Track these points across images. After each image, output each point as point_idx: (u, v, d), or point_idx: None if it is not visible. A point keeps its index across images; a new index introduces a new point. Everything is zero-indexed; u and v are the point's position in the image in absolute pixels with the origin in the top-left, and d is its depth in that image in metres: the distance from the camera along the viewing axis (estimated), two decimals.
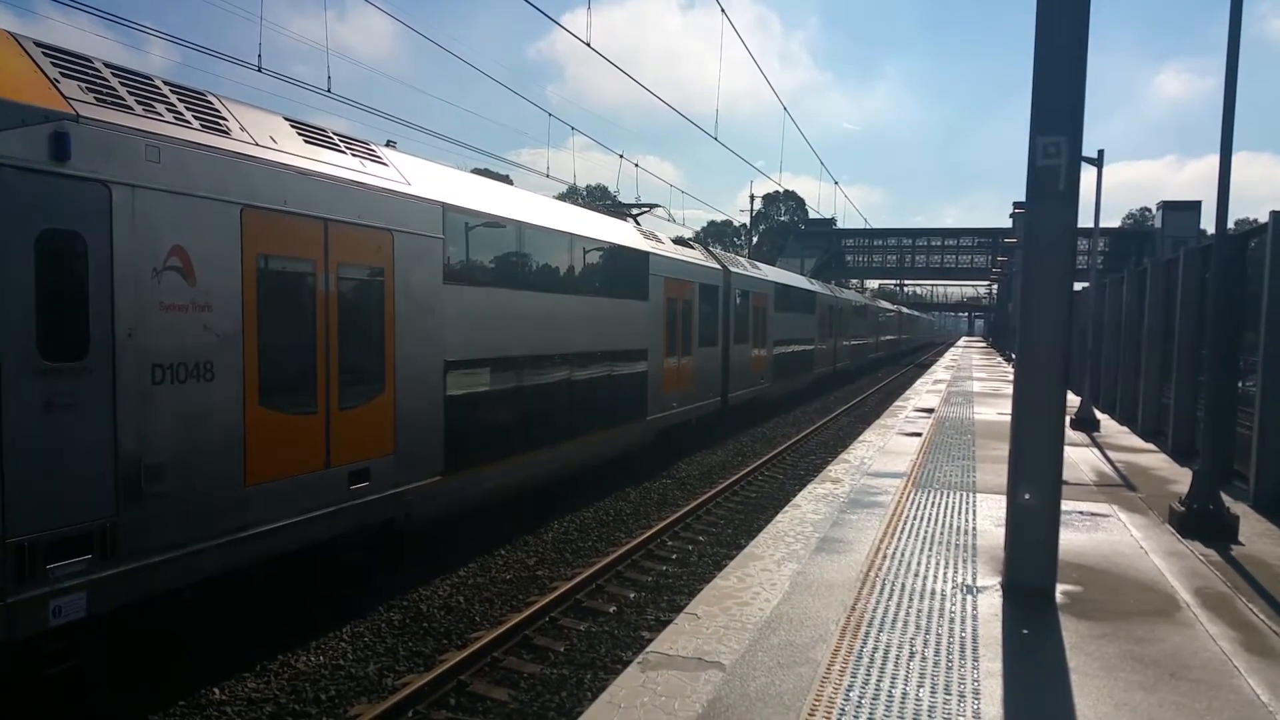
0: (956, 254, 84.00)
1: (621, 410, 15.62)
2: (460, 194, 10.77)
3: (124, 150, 6.38)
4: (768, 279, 27.22)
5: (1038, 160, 6.76)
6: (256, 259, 7.50)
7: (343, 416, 8.53)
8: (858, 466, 12.74)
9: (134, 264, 6.43)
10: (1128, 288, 18.94)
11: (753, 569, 7.43)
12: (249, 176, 7.45)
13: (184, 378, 6.84)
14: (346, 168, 8.76)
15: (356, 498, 8.71)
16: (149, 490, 6.52)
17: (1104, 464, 13.60)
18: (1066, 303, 6.90)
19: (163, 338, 6.66)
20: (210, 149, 7.14)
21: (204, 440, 7.02)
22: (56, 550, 5.90)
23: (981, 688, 5.11)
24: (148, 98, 6.91)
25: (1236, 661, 5.60)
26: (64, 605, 5.95)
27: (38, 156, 5.80)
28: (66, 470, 5.98)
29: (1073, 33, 6.67)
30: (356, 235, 8.69)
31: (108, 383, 6.25)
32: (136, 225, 6.45)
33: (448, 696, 7.21)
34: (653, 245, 17.55)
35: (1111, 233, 71.98)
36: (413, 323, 9.57)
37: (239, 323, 7.33)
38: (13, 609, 5.64)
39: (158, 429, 6.61)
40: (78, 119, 6.08)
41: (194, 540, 6.93)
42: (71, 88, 6.25)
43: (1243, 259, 11.35)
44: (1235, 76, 8.55)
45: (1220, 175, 8.66)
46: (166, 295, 6.70)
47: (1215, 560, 8.00)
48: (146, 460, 6.52)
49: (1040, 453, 6.83)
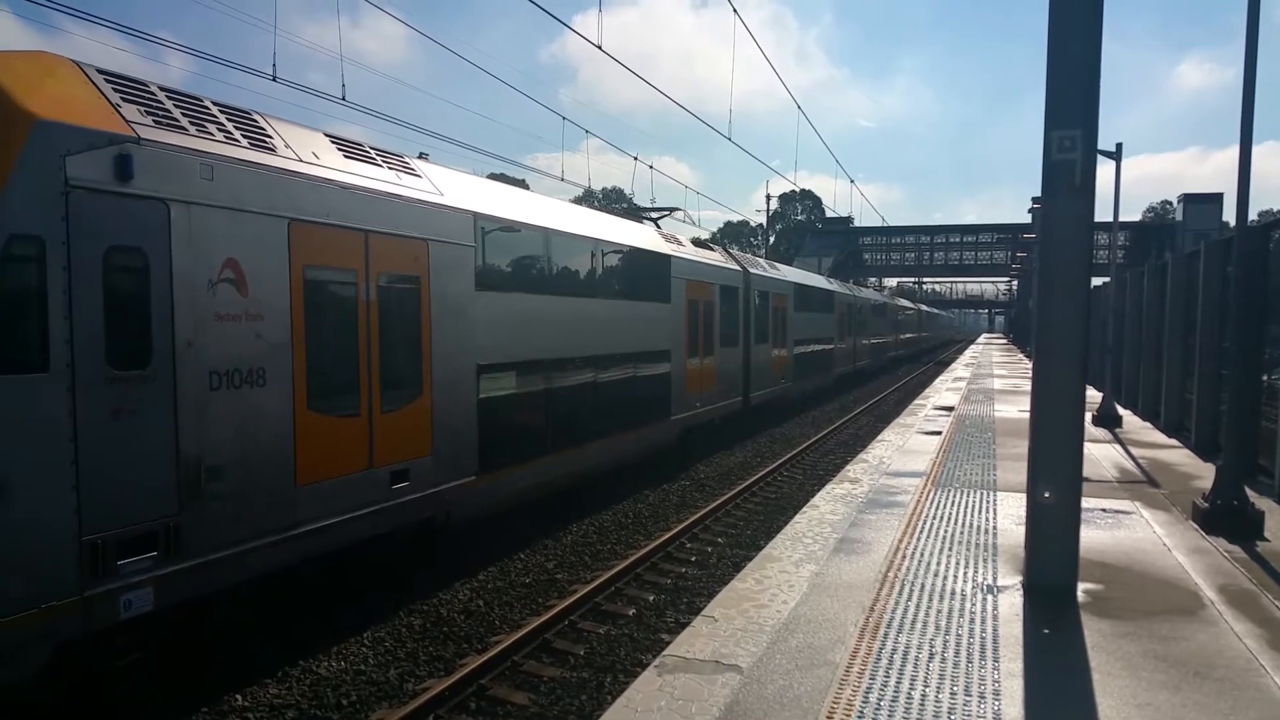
0: (975, 250, 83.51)
1: (646, 411, 15.87)
2: (490, 203, 11.08)
3: (181, 170, 6.71)
4: (787, 279, 27.34)
5: (1053, 154, 6.70)
6: (303, 270, 7.83)
7: (384, 419, 8.83)
8: (877, 466, 12.67)
9: (191, 277, 6.78)
10: (1148, 282, 18.74)
11: (771, 571, 7.40)
12: (295, 191, 7.77)
13: (238, 384, 7.19)
14: (383, 180, 9.07)
15: (397, 497, 8.99)
16: (208, 491, 6.86)
17: (1126, 460, 13.46)
18: (1084, 298, 6.83)
19: (219, 346, 7.01)
20: (259, 166, 7.46)
21: (258, 443, 7.34)
22: (126, 547, 6.25)
23: (1002, 688, 5.07)
24: (200, 118, 7.22)
25: (1262, 660, 5.52)
26: (133, 599, 6.31)
27: (104, 177, 6.13)
28: (133, 472, 6.31)
29: (1086, 25, 6.60)
30: (394, 245, 9.02)
31: (169, 390, 6.59)
32: (193, 240, 6.79)
33: (468, 701, 7.23)
34: (674, 248, 17.79)
35: (1132, 226, 71.28)
36: (447, 328, 9.87)
37: (288, 331, 7.66)
38: (88, 602, 6.00)
39: (215, 433, 6.95)
40: (139, 141, 6.40)
41: (249, 538, 7.25)
42: (132, 111, 6.56)
43: (1265, 251, 11.19)
44: (1254, 66, 8.45)
45: (1240, 167, 8.56)
46: (221, 306, 7.05)
47: (1240, 557, 7.90)
48: (206, 462, 6.85)
49: (1060, 450, 6.77)
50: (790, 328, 26.84)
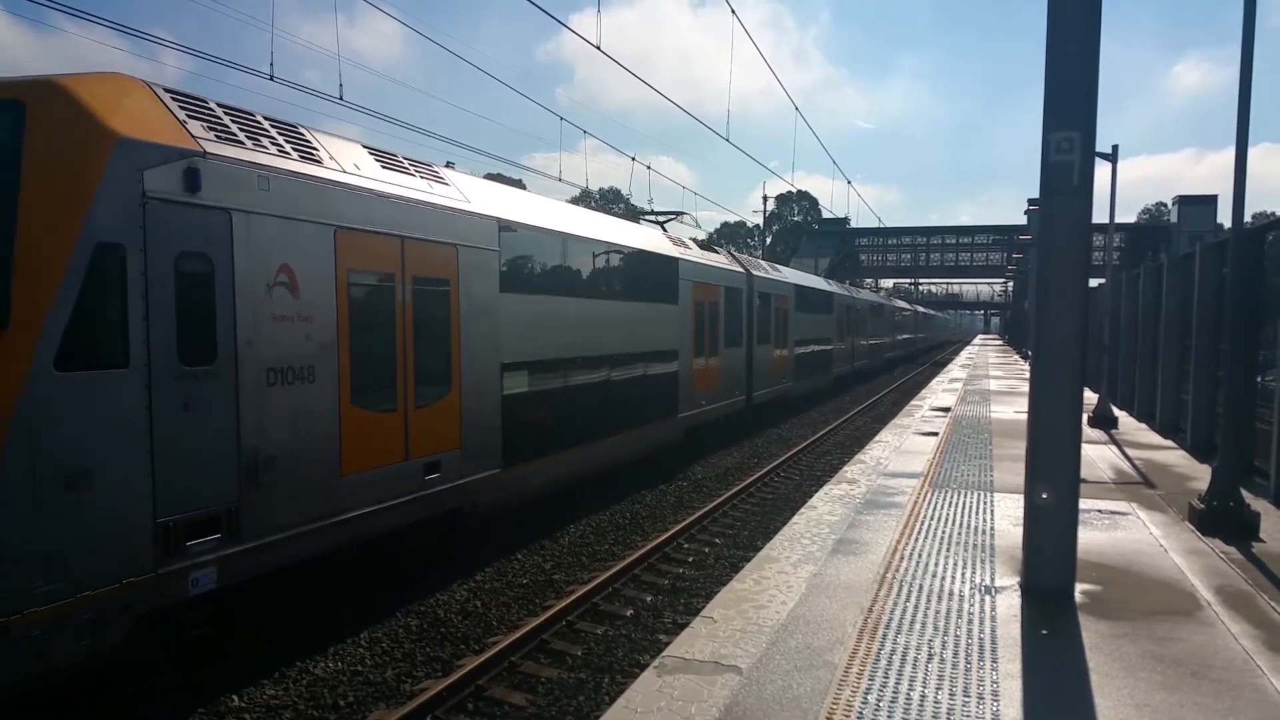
0: (971, 252, 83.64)
1: (656, 408, 16.42)
2: (512, 209, 11.60)
3: (241, 181, 7.20)
4: (788, 281, 27.76)
5: (1051, 156, 6.71)
6: (347, 274, 8.36)
7: (418, 414, 9.37)
8: (874, 467, 12.69)
9: (251, 281, 7.28)
10: (1144, 283, 18.79)
11: (769, 571, 7.41)
12: (340, 201, 8.28)
13: (291, 380, 7.70)
14: (416, 189, 9.56)
15: (430, 487, 9.53)
16: (265, 479, 7.38)
17: (1122, 461, 13.50)
18: (1082, 299, 6.85)
19: (274, 345, 7.52)
20: (309, 177, 7.96)
21: (308, 435, 7.87)
22: (193, 530, 6.77)
23: (1001, 689, 5.08)
24: (255, 133, 7.70)
25: (1259, 660, 5.54)
26: (200, 578, 6.84)
27: (175, 189, 6.63)
28: (200, 461, 6.82)
29: (1085, 27, 6.62)
30: (427, 250, 9.54)
31: (231, 385, 7.09)
32: (252, 247, 7.29)
33: (465, 701, 7.23)
34: (681, 251, 18.27)
35: (1128, 228, 71.47)
36: (474, 328, 10.41)
37: (334, 331, 8.19)
38: (162, 579, 6.53)
39: (271, 426, 7.46)
40: (205, 156, 6.88)
41: (300, 523, 7.76)
42: (196, 128, 7.03)
43: (1260, 253, 11.24)
44: (1250, 68, 8.49)
45: (1236, 169, 8.58)
46: (277, 307, 7.56)
47: (1236, 558, 7.92)
48: (262, 452, 7.36)
49: (1057, 451, 6.78)
50: (791, 328, 27.24)
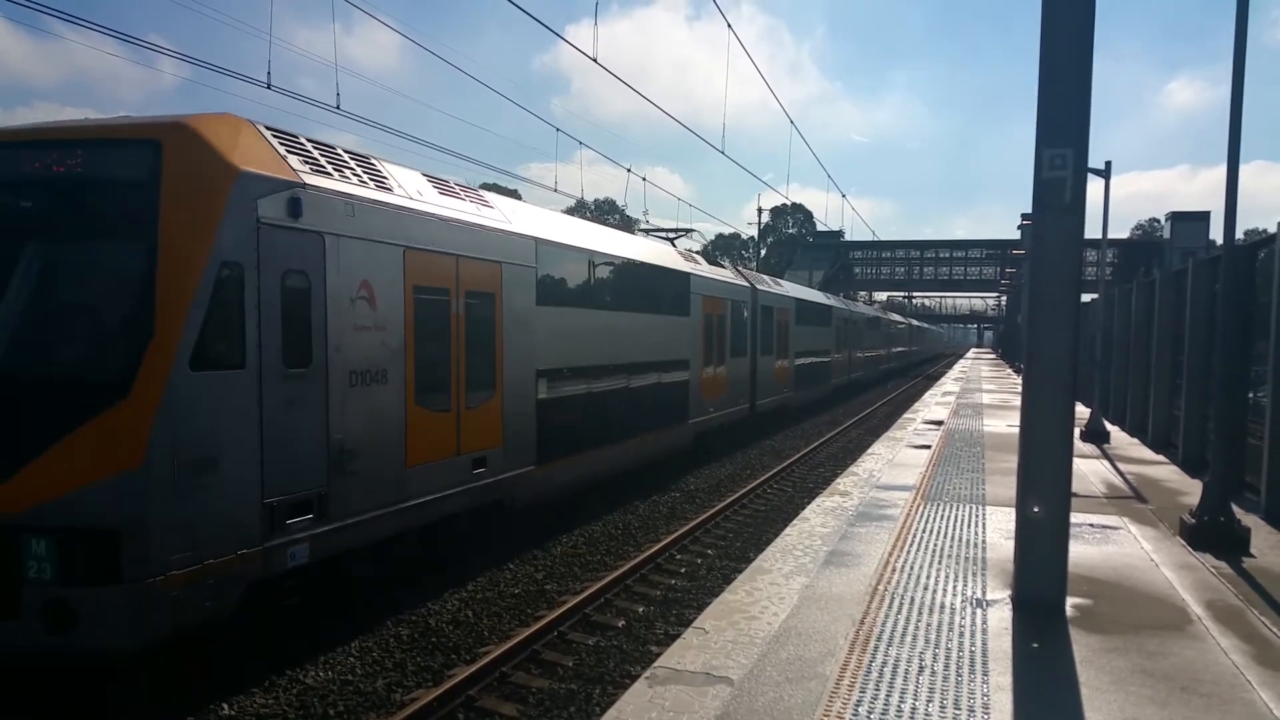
0: (965, 265, 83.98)
1: (669, 414, 17.52)
2: (546, 228, 12.70)
3: (332, 208, 8.16)
4: (789, 294, 28.72)
5: (1044, 172, 6.75)
6: (413, 289, 9.32)
7: (468, 414, 10.39)
8: (866, 479, 12.70)
9: (338, 295, 8.23)
10: (1137, 299, 18.88)
11: (761, 583, 7.41)
12: (408, 224, 9.27)
13: (369, 382, 8.64)
14: (467, 212, 10.56)
15: (477, 480, 10.54)
16: (347, 468, 8.30)
17: (1114, 476, 13.54)
18: (1074, 314, 6.89)
19: (356, 351, 8.48)
20: (383, 204, 8.92)
21: (381, 430, 8.83)
22: (292, 510, 7.67)
23: (991, 702, 5.08)
24: (338, 164, 8.65)
25: (1249, 675, 5.56)
26: (296, 552, 7.73)
27: (281, 215, 7.54)
28: (298, 451, 7.74)
29: (1078, 45, 6.67)
30: (477, 267, 10.56)
31: (322, 385, 8.04)
32: (340, 265, 8.24)
33: (456, 712, 7.20)
34: (692, 266, 19.37)
35: (1120, 244, 71.80)
36: (515, 337, 11.45)
37: (402, 339, 9.16)
38: (267, 552, 7.41)
39: (352, 421, 8.39)
40: (304, 186, 7.81)
41: (374, 508, 8.70)
42: (295, 161, 7.94)
43: (1252, 269, 11.31)
44: (1242, 86, 8.56)
45: (1228, 186, 8.64)
46: (358, 319, 8.51)
47: (1227, 573, 7.95)
48: (346, 445, 8.28)
49: (1049, 465, 6.81)
50: (792, 340, 28.20)
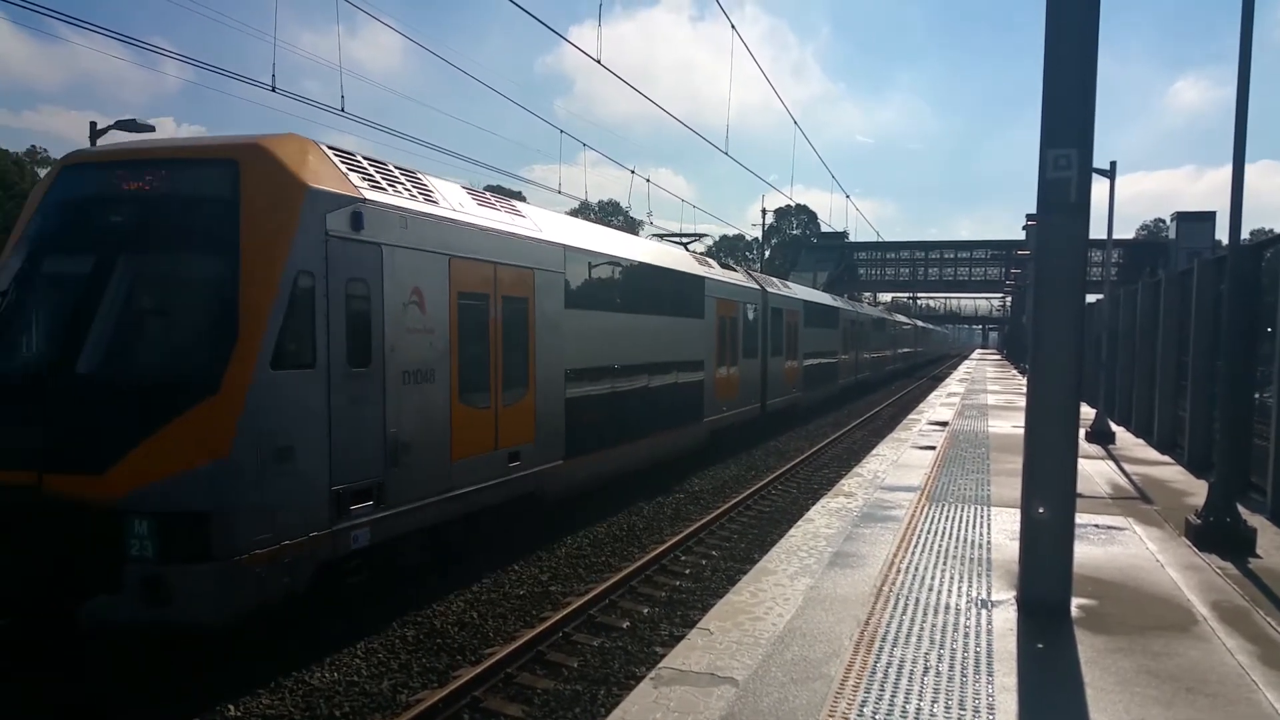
0: (970, 266, 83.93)
1: (685, 412, 18.18)
2: (573, 236, 13.44)
3: (388, 221, 8.81)
4: (798, 297, 29.32)
5: (1048, 173, 6.75)
6: (457, 294, 9.97)
7: (505, 411, 11.07)
8: (871, 480, 12.70)
9: (394, 300, 8.86)
10: (1142, 299, 18.84)
11: (766, 584, 7.42)
12: (453, 234, 9.92)
13: (419, 381, 9.27)
14: (503, 221, 11.22)
15: (512, 473, 11.22)
16: (401, 460, 8.91)
17: (1119, 476, 13.51)
18: (1078, 314, 6.88)
19: (409, 352, 9.10)
20: (432, 216, 9.58)
21: (430, 426, 9.47)
22: (355, 497, 8.30)
23: (996, 703, 5.08)
24: (391, 180, 9.28)
25: (1254, 675, 5.55)
26: (358, 536, 8.36)
27: (345, 228, 8.20)
28: (360, 443, 8.37)
29: (1082, 45, 6.67)
30: (513, 274, 11.26)
31: (380, 383, 8.67)
32: (395, 273, 8.87)
33: (461, 713, 7.21)
34: (706, 270, 20.02)
35: (1126, 244, 71.68)
36: (546, 339, 12.11)
37: (448, 341, 9.80)
38: (334, 535, 8.05)
39: (405, 417, 9.01)
40: (364, 201, 8.47)
41: (424, 497, 9.35)
42: (355, 178, 8.60)
43: (1257, 269, 11.29)
44: (1248, 86, 8.54)
45: (1233, 186, 8.63)
46: (411, 322, 9.15)
47: (1232, 573, 7.93)
48: (400, 438, 8.90)
49: (1054, 465, 6.79)
50: (801, 342, 28.70)
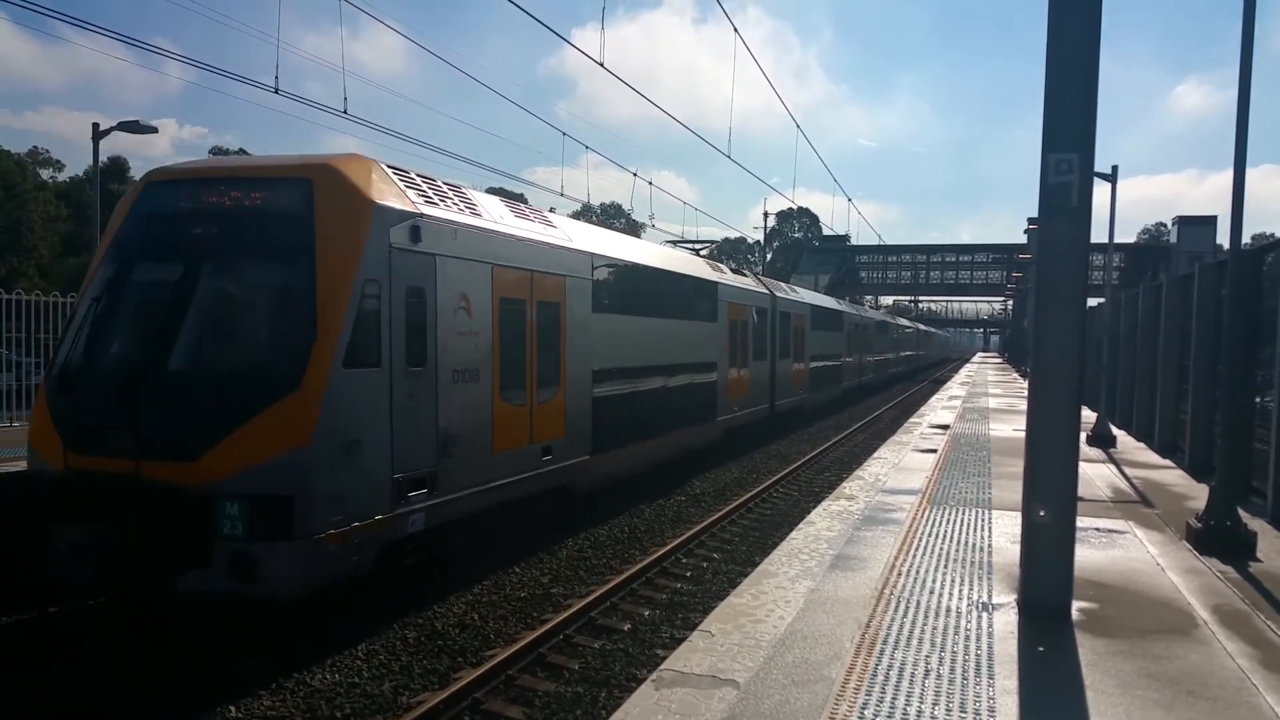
0: (971, 270, 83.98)
1: (699, 412, 18.95)
2: (600, 245, 14.31)
3: (442, 233, 9.56)
4: (804, 301, 30.08)
5: (1050, 177, 6.77)
6: (498, 300, 10.70)
7: (539, 409, 11.81)
8: (872, 483, 12.71)
9: (445, 305, 9.60)
10: (1143, 303, 18.86)
11: (767, 586, 7.43)
12: (495, 244, 10.68)
13: (466, 380, 10.00)
14: (537, 232, 12.00)
15: (545, 466, 11.93)
16: (450, 451, 9.64)
17: (1120, 480, 13.52)
18: (1080, 318, 6.89)
19: (457, 353, 9.82)
20: (478, 228, 10.35)
21: (475, 421, 10.20)
22: (412, 485, 9.02)
23: (997, 705, 5.09)
24: (441, 195, 10.01)
25: (1255, 679, 5.55)
26: (415, 520, 9.07)
27: (405, 241, 8.92)
28: (416, 436, 9.09)
29: (1084, 49, 6.69)
30: (547, 280, 12.04)
31: (433, 382, 9.39)
32: (446, 281, 9.61)
33: (462, 715, 7.21)
34: (718, 275, 20.95)
35: (1127, 248, 71.70)
36: (576, 341, 12.90)
37: (490, 343, 10.53)
38: (395, 519, 8.74)
39: (454, 412, 9.74)
40: (421, 216, 9.21)
41: (469, 486, 10.08)
42: (412, 195, 9.34)
43: (1259, 274, 11.30)
44: (1249, 90, 8.56)
45: (1234, 190, 8.65)
46: (459, 325, 9.88)
47: (1233, 577, 7.94)
48: (450, 431, 9.64)
49: (1055, 469, 6.81)
50: (808, 345, 29.43)
